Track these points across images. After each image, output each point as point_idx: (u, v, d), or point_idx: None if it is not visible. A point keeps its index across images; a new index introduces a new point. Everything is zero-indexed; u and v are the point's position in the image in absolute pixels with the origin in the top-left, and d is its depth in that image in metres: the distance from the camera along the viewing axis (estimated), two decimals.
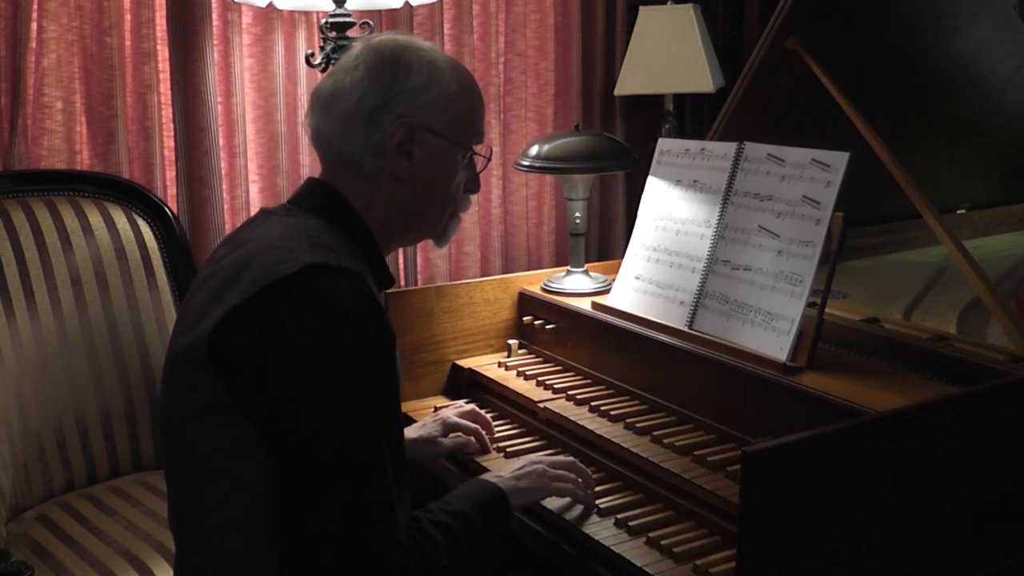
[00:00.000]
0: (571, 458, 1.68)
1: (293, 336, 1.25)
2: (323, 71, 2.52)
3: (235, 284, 1.30)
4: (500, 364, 2.10)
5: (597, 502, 1.60)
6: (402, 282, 3.00)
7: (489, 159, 1.58)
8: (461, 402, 1.96)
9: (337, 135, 1.45)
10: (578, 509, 1.59)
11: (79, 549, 1.92)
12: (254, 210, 2.75)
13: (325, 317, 1.26)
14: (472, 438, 1.83)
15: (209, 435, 1.31)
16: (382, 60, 1.44)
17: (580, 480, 1.61)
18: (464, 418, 1.86)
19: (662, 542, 1.47)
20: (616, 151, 2.14)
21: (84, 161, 2.51)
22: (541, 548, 1.60)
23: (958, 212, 2.67)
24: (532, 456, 1.66)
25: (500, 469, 1.63)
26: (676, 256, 1.89)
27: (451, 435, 1.83)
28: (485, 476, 1.59)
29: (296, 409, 1.25)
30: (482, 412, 1.89)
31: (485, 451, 1.83)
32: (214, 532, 1.32)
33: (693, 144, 1.96)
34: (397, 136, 1.43)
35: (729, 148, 1.86)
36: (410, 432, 1.82)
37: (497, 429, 1.92)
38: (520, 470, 1.60)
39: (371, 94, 1.42)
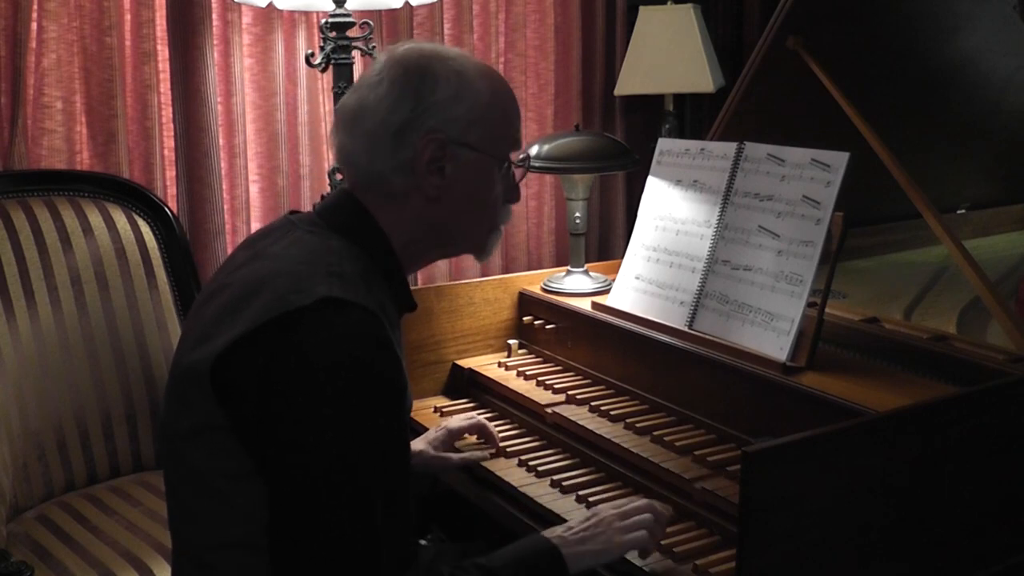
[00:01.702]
0: (645, 500, 1.48)
1: (297, 370, 1.20)
2: (323, 71, 2.52)
3: (246, 307, 1.25)
4: (500, 364, 2.10)
5: (597, 501, 1.60)
6: None
7: (528, 168, 1.51)
8: (473, 414, 1.93)
9: (363, 154, 1.38)
10: (578, 509, 1.59)
11: (79, 549, 1.92)
12: (254, 210, 2.75)
13: (331, 355, 1.20)
14: (477, 452, 1.80)
15: (207, 457, 1.27)
16: (407, 72, 1.37)
17: (656, 521, 1.43)
18: (470, 432, 1.85)
19: (662, 542, 1.47)
20: (616, 151, 2.14)
21: (84, 161, 2.51)
22: None
23: (958, 212, 2.66)
24: (605, 508, 1.45)
25: (538, 496, 1.54)
26: (676, 256, 1.89)
27: (457, 443, 1.83)
28: (549, 532, 1.41)
29: (290, 444, 1.21)
30: (489, 425, 1.85)
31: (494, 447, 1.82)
32: (211, 548, 1.29)
33: (693, 144, 1.96)
34: (428, 153, 1.36)
35: (729, 148, 1.86)
36: (418, 444, 1.81)
37: (497, 429, 1.91)
38: (588, 526, 1.41)
39: (397, 110, 1.35)
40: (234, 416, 1.24)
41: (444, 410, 2.01)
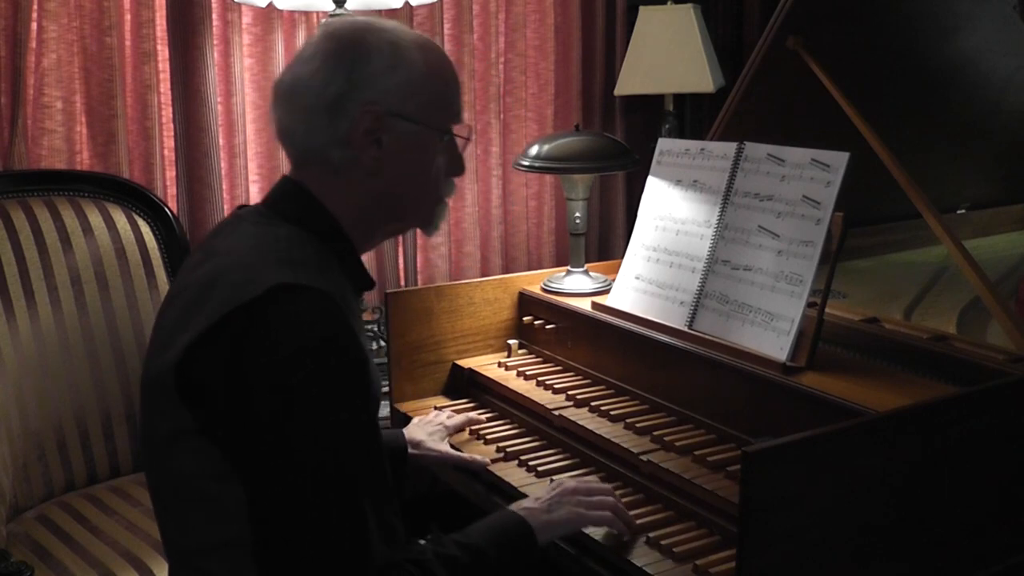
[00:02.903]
0: (606, 485, 1.58)
1: (259, 362, 1.20)
2: None
3: (202, 306, 1.24)
4: (500, 364, 2.10)
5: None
6: (402, 282, 3.00)
7: (469, 139, 1.48)
8: (472, 414, 1.96)
9: (300, 129, 1.37)
10: None
11: (79, 549, 1.92)
12: None
13: (291, 342, 1.20)
14: (472, 459, 1.81)
15: (186, 461, 1.27)
16: (340, 45, 1.35)
17: (620, 505, 1.52)
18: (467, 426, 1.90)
19: (662, 542, 1.47)
20: (616, 151, 2.14)
21: (84, 161, 2.51)
22: None
23: (958, 212, 2.66)
24: (565, 479, 1.56)
25: (534, 491, 1.56)
26: (676, 256, 1.89)
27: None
28: (516, 505, 1.50)
29: (265, 437, 1.20)
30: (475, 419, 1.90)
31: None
32: (201, 550, 1.29)
33: (693, 144, 1.96)
34: (363, 124, 1.34)
35: (729, 148, 1.86)
36: (417, 433, 1.84)
37: (497, 429, 1.92)
38: (553, 496, 1.49)
39: (331, 83, 1.34)
40: (204, 418, 1.24)
41: (444, 410, 2.01)
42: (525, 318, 2.16)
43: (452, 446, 1.85)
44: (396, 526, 1.37)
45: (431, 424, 1.89)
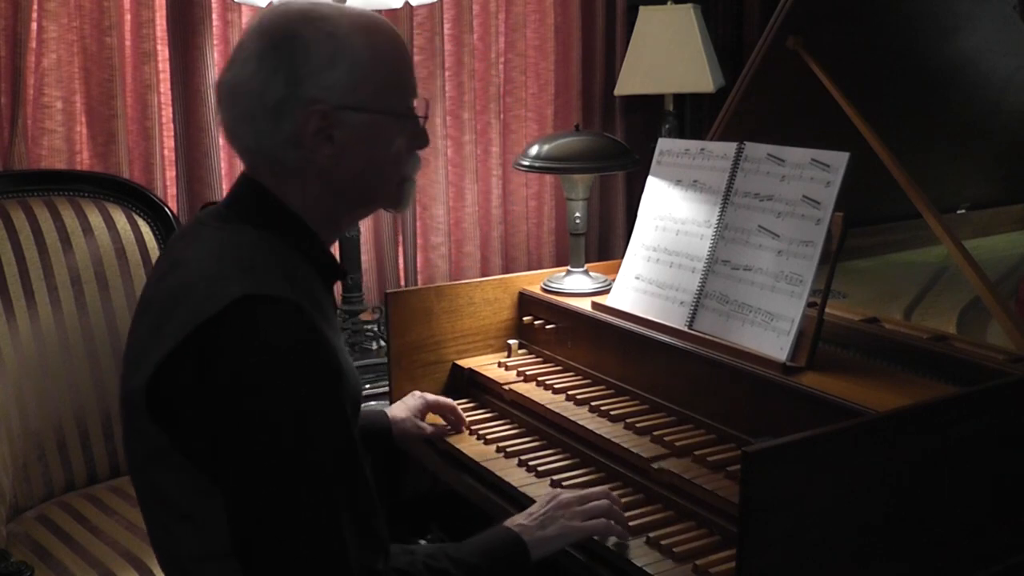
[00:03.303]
0: (602, 489, 1.56)
1: (225, 379, 1.18)
2: None
3: (168, 323, 1.22)
4: (500, 364, 2.10)
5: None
6: (402, 282, 3.00)
7: (427, 116, 1.42)
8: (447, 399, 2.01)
9: (248, 134, 1.32)
10: None
11: (79, 549, 1.92)
12: None
13: (256, 355, 1.18)
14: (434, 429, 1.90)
15: (167, 478, 1.26)
16: (274, 44, 1.28)
17: (615, 508, 1.50)
18: (439, 406, 1.94)
19: (662, 542, 1.47)
20: (616, 151, 2.14)
21: (84, 161, 2.51)
22: None
23: (958, 212, 2.66)
24: (559, 491, 1.53)
25: (537, 497, 1.55)
26: (676, 256, 1.89)
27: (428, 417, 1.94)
28: (510, 521, 1.48)
29: (237, 451, 1.19)
30: (458, 408, 1.96)
31: (458, 431, 1.92)
32: (192, 560, 1.28)
33: (693, 144, 1.96)
34: (311, 125, 1.29)
35: (729, 148, 1.86)
36: (396, 410, 1.90)
37: (497, 429, 1.92)
38: (547, 510, 1.47)
39: (271, 86, 1.27)
40: (178, 436, 1.23)
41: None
42: (525, 318, 2.16)
43: (446, 441, 1.90)
44: (382, 535, 1.35)
45: (413, 397, 1.94)
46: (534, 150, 2.14)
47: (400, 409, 1.91)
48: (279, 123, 1.29)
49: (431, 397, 1.94)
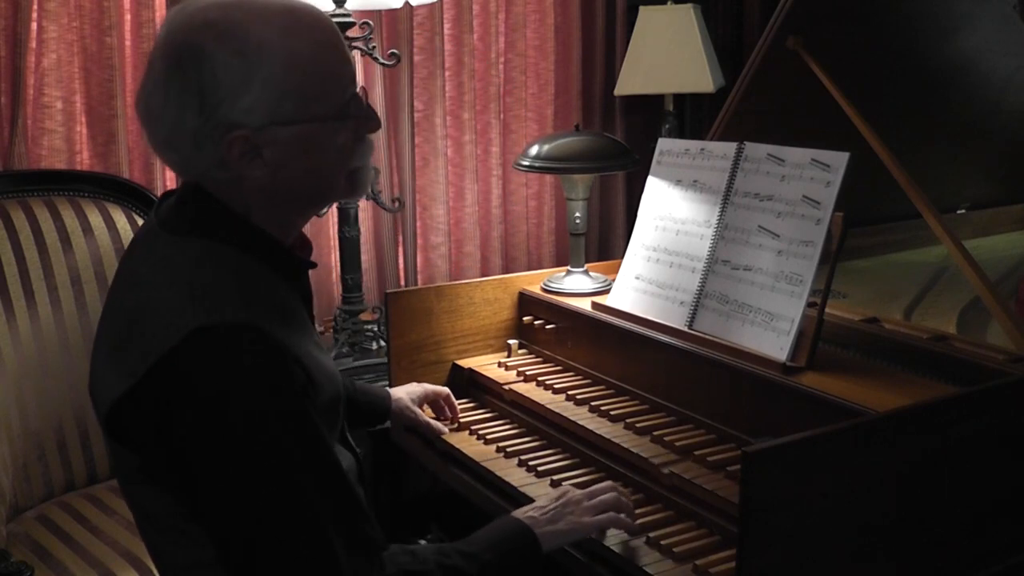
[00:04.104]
0: (608, 483, 1.56)
1: (185, 414, 1.16)
2: None
3: (125, 354, 1.20)
4: (500, 364, 2.10)
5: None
6: (402, 282, 3.00)
7: (366, 101, 1.32)
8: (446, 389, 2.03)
9: (174, 158, 1.26)
10: None
11: (79, 549, 1.92)
12: None
13: (215, 386, 1.15)
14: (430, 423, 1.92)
15: (147, 495, 1.26)
16: (181, 67, 1.19)
17: (623, 500, 1.50)
18: (437, 396, 1.96)
19: (662, 542, 1.47)
20: (616, 151, 2.14)
21: (84, 161, 2.51)
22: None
23: (958, 212, 2.66)
24: (569, 487, 1.54)
25: (537, 497, 1.55)
26: (676, 256, 1.89)
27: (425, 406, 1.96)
28: (518, 512, 1.46)
29: (207, 485, 1.18)
30: (454, 402, 1.98)
31: (453, 422, 1.96)
32: (187, 567, 1.28)
33: (693, 144, 1.96)
34: (234, 151, 1.22)
35: (729, 148, 1.86)
36: (398, 392, 1.93)
37: (497, 429, 1.92)
38: (556, 506, 1.46)
39: (183, 117, 1.20)
40: (147, 462, 1.22)
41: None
42: (525, 318, 2.16)
43: (445, 441, 1.89)
44: (376, 537, 1.33)
45: (412, 385, 1.97)
46: (534, 150, 2.14)
47: (399, 391, 1.94)
48: (202, 151, 1.23)
49: (430, 387, 1.97)
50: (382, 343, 2.63)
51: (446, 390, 1.99)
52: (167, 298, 1.20)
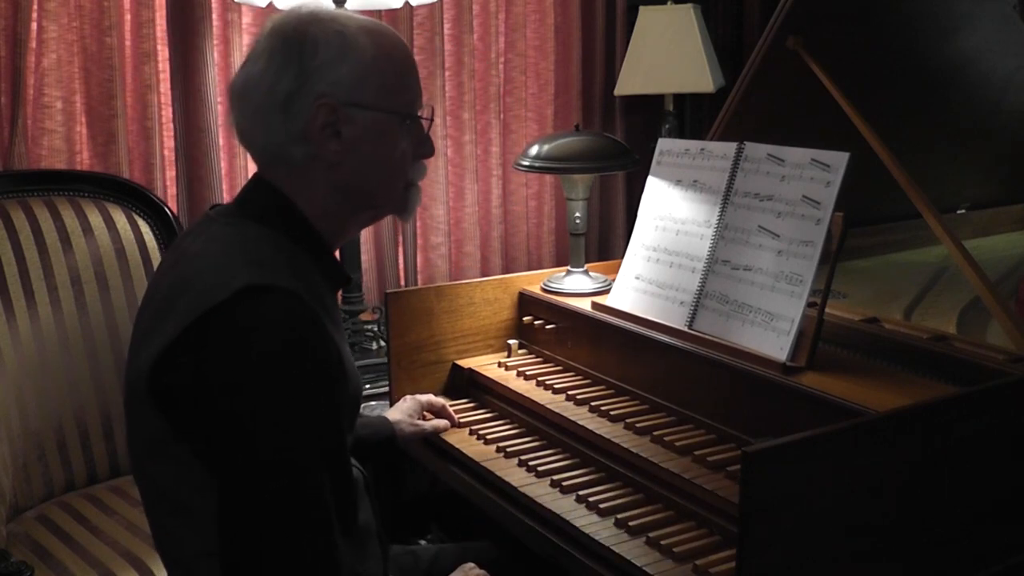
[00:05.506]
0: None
1: (227, 365, 1.19)
2: None
3: (173, 310, 1.24)
4: (500, 364, 2.10)
5: (597, 501, 1.60)
6: (402, 282, 3.00)
7: (432, 119, 1.45)
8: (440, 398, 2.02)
9: (258, 130, 1.36)
10: (578, 509, 1.59)
11: (79, 549, 1.92)
12: None
13: (259, 344, 1.19)
14: (439, 422, 1.94)
15: (166, 471, 1.27)
16: (286, 41, 1.33)
17: None
18: (432, 406, 1.97)
19: (662, 542, 1.47)
20: (616, 151, 2.14)
21: (84, 161, 2.51)
22: (540, 548, 1.60)
23: (958, 212, 2.66)
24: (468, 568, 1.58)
25: (534, 491, 1.58)
26: (676, 256, 1.89)
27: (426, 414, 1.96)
28: None
29: (229, 439, 1.20)
30: (448, 408, 1.98)
31: (453, 425, 1.96)
32: (195, 556, 1.29)
33: (693, 144, 1.96)
34: (319, 119, 1.33)
35: (729, 148, 1.86)
36: (393, 413, 1.92)
37: (497, 429, 1.92)
38: None
39: (281, 80, 1.32)
40: (178, 423, 1.23)
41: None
42: (525, 318, 2.16)
43: (446, 441, 1.89)
44: (366, 533, 1.37)
45: (404, 401, 1.96)
46: (534, 150, 2.14)
47: (394, 412, 1.93)
48: (289, 117, 1.33)
49: (423, 397, 1.97)
50: (382, 343, 2.63)
51: (441, 401, 1.98)
52: (220, 264, 1.26)
